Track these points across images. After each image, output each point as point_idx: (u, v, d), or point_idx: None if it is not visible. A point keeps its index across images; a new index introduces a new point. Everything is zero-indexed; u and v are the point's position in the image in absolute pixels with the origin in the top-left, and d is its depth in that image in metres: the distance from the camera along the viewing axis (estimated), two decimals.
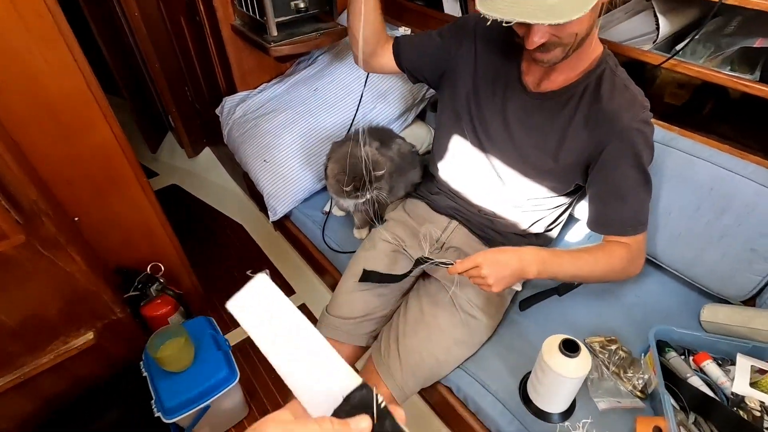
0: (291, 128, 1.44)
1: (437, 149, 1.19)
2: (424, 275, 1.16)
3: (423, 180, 1.33)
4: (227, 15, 1.43)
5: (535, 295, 1.15)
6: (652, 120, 0.90)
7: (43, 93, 1.04)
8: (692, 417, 0.86)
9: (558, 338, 0.84)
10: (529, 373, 0.96)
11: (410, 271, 1.05)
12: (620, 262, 0.93)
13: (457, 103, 1.08)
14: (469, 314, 1.03)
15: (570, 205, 1.14)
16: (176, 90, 2.35)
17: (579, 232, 1.30)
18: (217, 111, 1.66)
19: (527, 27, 0.77)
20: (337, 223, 1.43)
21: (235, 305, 0.40)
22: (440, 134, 1.16)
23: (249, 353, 1.64)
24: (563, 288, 1.15)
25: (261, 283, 0.40)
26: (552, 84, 0.94)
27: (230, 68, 1.54)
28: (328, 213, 1.45)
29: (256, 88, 1.61)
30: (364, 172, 1.11)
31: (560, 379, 0.83)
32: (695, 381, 0.89)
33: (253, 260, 2.03)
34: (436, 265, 0.98)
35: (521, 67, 0.97)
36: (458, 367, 1.04)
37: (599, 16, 0.83)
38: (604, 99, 0.88)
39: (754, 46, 0.92)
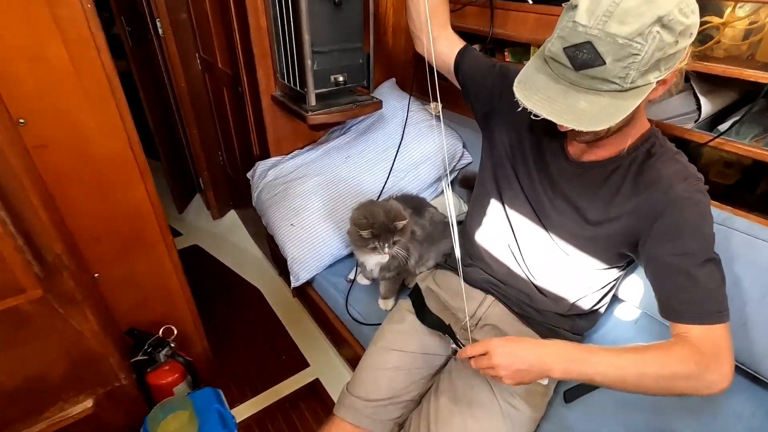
0: (321, 193, 1.44)
1: (473, 214, 1.14)
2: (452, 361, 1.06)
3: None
4: (269, 87, 1.50)
5: (582, 385, 1.02)
6: None
7: (89, 151, 1.07)
8: None
9: None
10: None
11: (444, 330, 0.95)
12: (684, 365, 0.71)
13: (498, 155, 1.03)
14: (510, 404, 0.91)
15: (616, 281, 1.06)
16: (210, 155, 2.44)
17: (627, 313, 1.19)
18: (249, 174, 1.68)
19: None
20: (362, 292, 1.36)
21: None
22: (478, 194, 1.12)
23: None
24: None
25: None
26: (595, 156, 0.91)
27: (266, 134, 1.59)
28: (353, 281, 1.39)
29: (288, 154, 1.64)
30: (386, 221, 1.07)
31: None
32: None
33: (267, 327, 1.94)
34: (453, 341, 0.89)
35: (565, 136, 0.95)
36: None
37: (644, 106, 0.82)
38: (653, 169, 0.84)
39: None
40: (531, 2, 1.31)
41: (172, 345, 1.35)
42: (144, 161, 1.18)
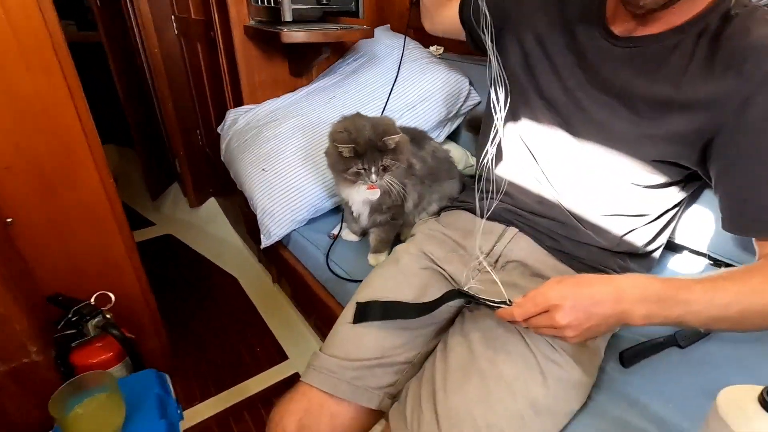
0: (299, 136, 1.19)
1: (484, 136, 0.89)
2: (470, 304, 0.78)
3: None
4: (241, 17, 1.28)
5: (643, 346, 0.74)
6: None
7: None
8: None
9: (748, 389, 0.45)
10: None
11: (436, 303, 0.69)
12: None
13: (511, 71, 0.82)
14: (552, 361, 0.63)
15: (675, 211, 0.80)
16: (187, 135, 2.22)
17: (688, 264, 0.92)
18: (219, 128, 1.44)
19: None
20: (348, 249, 1.09)
21: None
22: (488, 123, 0.88)
23: None
24: (686, 337, 0.76)
25: None
26: (649, 27, 0.67)
27: (239, 80, 1.36)
28: (336, 236, 1.12)
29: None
30: (373, 136, 0.83)
31: None
32: None
33: (243, 317, 1.66)
34: (481, 303, 0.63)
35: (604, 10, 0.72)
36: None
37: None
38: (739, 36, 0.60)
39: None
40: None
41: (108, 316, 1.06)
42: (74, 73, 0.95)
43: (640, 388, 0.68)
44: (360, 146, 0.83)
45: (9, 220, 0.97)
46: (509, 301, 0.61)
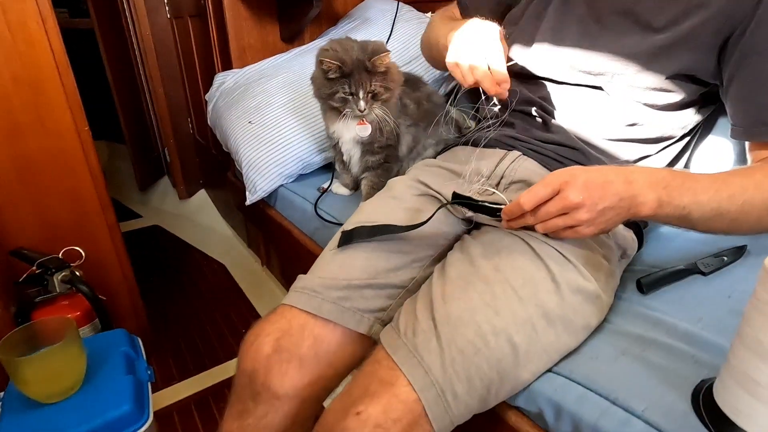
0: (287, 89, 1.14)
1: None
2: (472, 227, 0.71)
3: None
4: None
5: (663, 273, 0.67)
6: None
7: None
8: None
9: None
10: (709, 380, 0.46)
11: (426, 219, 0.63)
12: None
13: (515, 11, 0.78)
14: (565, 269, 0.56)
15: (689, 144, 0.74)
16: (178, 122, 2.17)
17: None
18: (207, 95, 1.39)
19: None
20: (339, 201, 1.02)
21: None
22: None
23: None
24: (710, 264, 0.68)
25: None
26: None
27: (228, 43, 1.32)
28: (326, 189, 1.05)
29: None
30: (361, 56, 0.78)
31: None
32: None
33: (229, 301, 1.57)
34: (478, 209, 0.60)
35: None
36: (551, 371, 0.53)
37: None
38: None
39: None
40: None
41: (77, 273, 0.98)
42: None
43: (664, 311, 0.60)
44: (347, 65, 0.78)
45: None
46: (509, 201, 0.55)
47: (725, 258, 0.71)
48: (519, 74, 0.76)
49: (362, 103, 0.80)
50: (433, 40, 0.85)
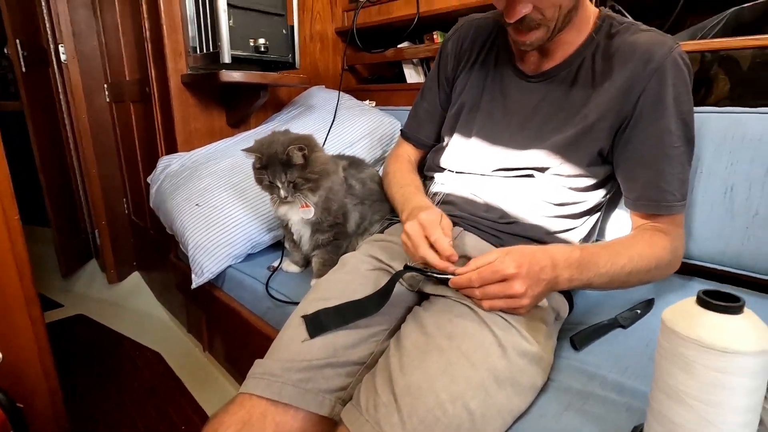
0: (235, 173, 1.18)
1: (431, 159, 0.96)
2: (422, 299, 0.75)
3: None
4: (178, 66, 1.32)
5: (591, 329, 0.75)
6: None
7: None
8: None
9: (686, 302, 0.47)
10: (640, 425, 0.52)
11: (390, 285, 0.68)
12: (665, 254, 0.71)
13: (459, 112, 0.91)
14: (509, 334, 0.61)
15: (599, 216, 0.88)
16: (111, 203, 2.09)
17: None
18: (149, 178, 1.38)
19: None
20: (290, 278, 1.03)
21: None
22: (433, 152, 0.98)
23: None
24: (627, 317, 0.78)
25: None
26: (552, 60, 0.79)
27: (174, 127, 1.35)
28: (276, 268, 1.06)
29: None
30: (279, 149, 0.85)
31: (725, 366, 0.41)
32: None
33: (166, 394, 1.44)
34: (428, 276, 0.68)
35: (511, 56, 0.85)
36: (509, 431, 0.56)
37: None
38: (624, 45, 0.73)
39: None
40: None
41: None
42: None
43: (597, 365, 0.67)
44: (263, 158, 0.84)
45: None
46: (454, 273, 0.63)
47: (638, 311, 0.81)
48: (457, 161, 0.87)
49: (282, 192, 0.86)
50: (392, 201, 0.94)
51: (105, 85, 1.95)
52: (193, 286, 1.05)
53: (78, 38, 1.85)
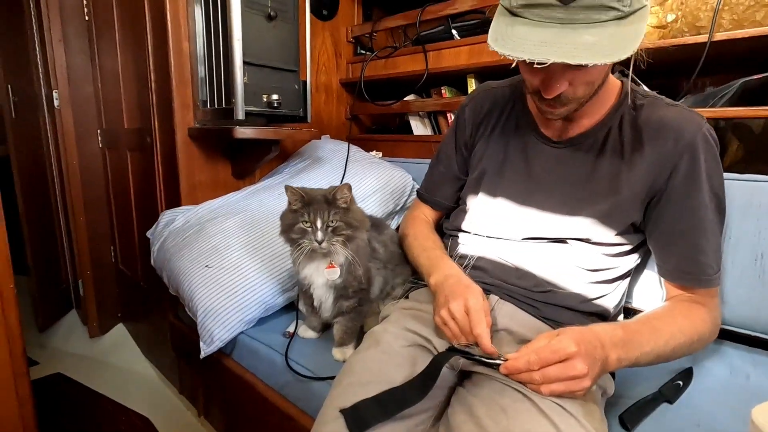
0: (247, 230, 1.13)
1: (453, 220, 0.94)
2: (463, 377, 0.71)
3: None
4: (186, 120, 1.29)
5: (637, 405, 0.72)
6: None
7: None
8: None
9: None
10: None
11: (435, 371, 0.64)
12: (705, 327, 0.71)
13: (482, 176, 0.89)
14: (566, 412, 0.58)
15: (627, 276, 0.87)
16: (97, 252, 1.99)
17: None
18: (149, 232, 1.32)
19: (545, 74, 0.66)
20: (307, 346, 0.97)
21: None
22: (456, 214, 0.96)
23: None
24: (671, 390, 0.76)
25: None
26: (578, 127, 0.80)
27: (178, 180, 1.31)
28: (293, 334, 1.00)
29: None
30: (324, 193, 0.84)
31: None
32: None
33: None
34: (477, 361, 0.64)
35: (532, 122, 0.85)
36: None
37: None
38: (653, 119, 0.74)
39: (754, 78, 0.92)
40: (459, 38, 1.38)
41: None
42: None
43: None
44: (308, 195, 0.83)
45: None
46: (502, 357, 0.61)
47: (680, 383, 0.79)
48: (484, 232, 0.86)
49: (320, 234, 0.81)
50: (414, 263, 0.92)
51: (98, 131, 1.89)
52: (202, 355, 0.98)
53: (73, 84, 1.81)
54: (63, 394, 1.70)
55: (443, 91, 1.45)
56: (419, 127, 1.55)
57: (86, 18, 1.79)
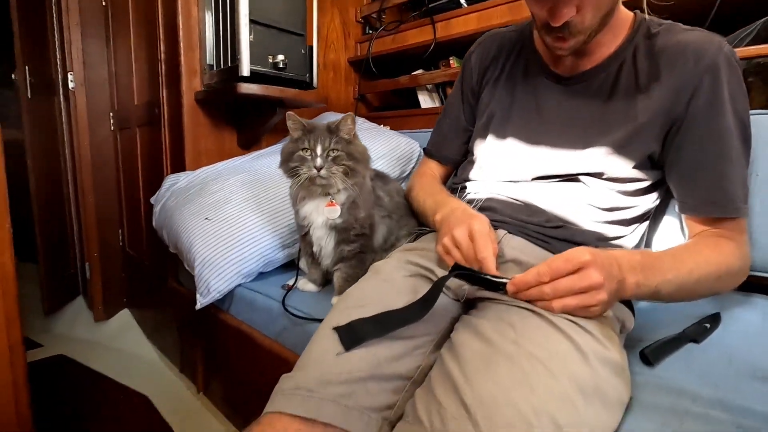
0: (249, 187, 1.11)
1: (461, 173, 0.91)
2: (469, 308, 0.66)
3: None
4: (193, 85, 1.29)
5: (661, 342, 0.66)
6: None
7: None
8: None
9: None
10: None
11: (436, 290, 0.59)
12: (734, 260, 0.65)
13: (489, 121, 0.86)
14: (582, 329, 0.53)
15: (649, 223, 0.81)
16: (105, 232, 1.99)
17: None
18: (152, 198, 1.31)
19: (552, 1, 0.64)
20: (307, 297, 0.93)
21: None
22: (471, 149, 0.91)
23: None
24: (698, 331, 0.69)
25: None
26: (590, 61, 0.76)
27: (183, 146, 1.30)
28: (292, 287, 0.97)
29: None
30: (327, 124, 0.81)
31: None
32: None
33: None
34: (480, 279, 0.58)
35: (542, 63, 0.82)
36: None
37: None
38: (671, 44, 0.70)
39: None
40: (466, 4, 1.37)
41: None
42: None
43: (681, 380, 0.58)
44: (309, 125, 0.80)
45: None
46: (509, 278, 0.56)
47: (707, 325, 0.72)
48: (493, 176, 0.82)
49: (319, 160, 0.78)
50: (421, 209, 0.89)
51: (110, 113, 1.92)
52: (198, 306, 0.94)
53: (88, 67, 1.85)
54: (64, 375, 1.67)
55: (451, 62, 1.43)
56: (427, 101, 1.53)
57: (103, 3, 1.84)
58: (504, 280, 0.56)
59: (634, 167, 0.71)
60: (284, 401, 0.49)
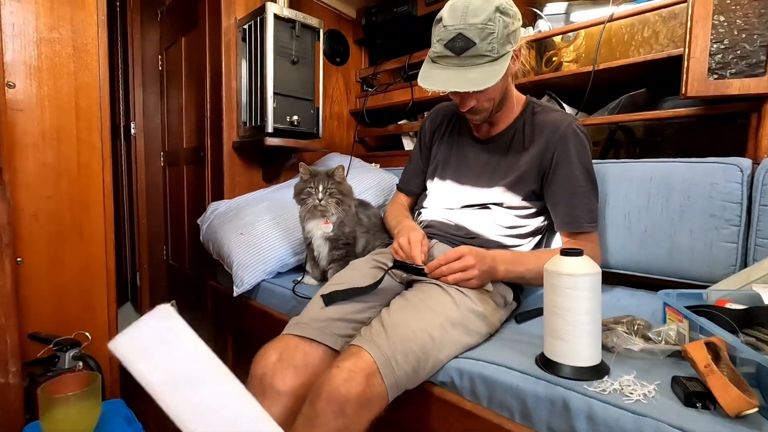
0: (271, 211, 1.54)
1: (419, 202, 1.31)
2: (408, 285, 1.06)
3: None
4: (231, 136, 1.75)
5: (528, 311, 1.04)
6: None
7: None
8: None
9: (557, 255, 0.78)
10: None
11: (383, 275, 1.00)
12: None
13: (436, 167, 1.26)
14: (464, 294, 0.91)
15: (542, 238, 1.19)
16: (153, 249, 2.44)
17: None
18: (199, 220, 1.75)
19: (459, 97, 1.03)
20: (310, 289, 1.33)
21: (123, 345, 0.25)
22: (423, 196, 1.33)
23: None
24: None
25: (162, 316, 0.26)
26: (496, 129, 1.18)
27: (223, 180, 1.75)
28: (299, 281, 1.37)
29: None
30: (326, 172, 1.24)
31: (573, 284, 0.71)
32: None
33: None
34: (408, 267, 0.98)
35: (469, 129, 1.23)
36: (457, 357, 0.84)
37: (511, 81, 1.15)
38: (541, 121, 1.11)
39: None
40: None
41: (82, 352, 1.16)
42: (109, 155, 1.29)
43: (526, 330, 0.96)
44: (314, 171, 1.22)
45: (19, 259, 1.15)
46: (425, 264, 0.95)
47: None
48: (437, 205, 1.23)
49: (320, 194, 1.20)
50: (388, 227, 1.30)
51: (162, 153, 2.40)
52: (235, 294, 1.36)
53: (146, 117, 2.35)
54: None
55: (425, 114, 1.86)
56: (409, 144, 1.96)
57: (159, 68, 2.35)
58: (422, 267, 0.96)
59: (523, 199, 1.11)
60: (290, 329, 0.89)
